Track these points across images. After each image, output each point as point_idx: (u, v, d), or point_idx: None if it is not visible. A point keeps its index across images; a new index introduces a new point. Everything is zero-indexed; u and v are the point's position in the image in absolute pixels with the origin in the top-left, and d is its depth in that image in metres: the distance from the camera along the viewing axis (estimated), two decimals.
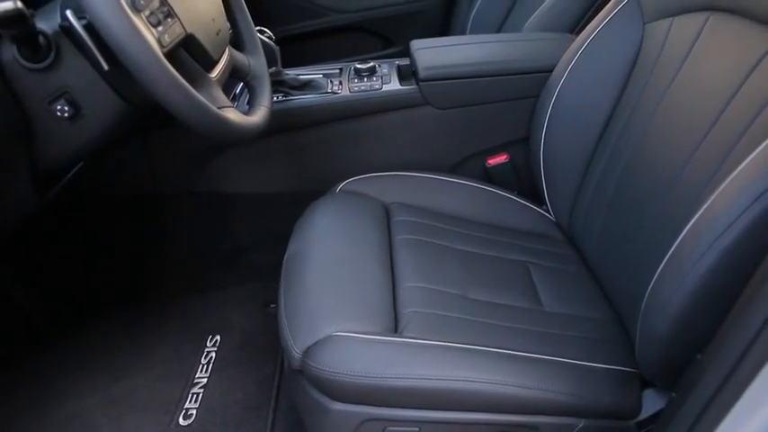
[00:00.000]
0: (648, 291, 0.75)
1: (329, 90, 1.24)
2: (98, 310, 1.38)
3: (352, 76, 1.29)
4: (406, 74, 1.31)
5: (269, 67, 1.11)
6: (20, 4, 0.64)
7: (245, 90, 1.11)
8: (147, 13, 0.69)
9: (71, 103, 0.75)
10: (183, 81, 0.68)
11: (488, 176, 1.30)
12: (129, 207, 1.36)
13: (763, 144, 0.65)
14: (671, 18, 0.93)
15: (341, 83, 1.27)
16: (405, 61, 1.35)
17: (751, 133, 0.72)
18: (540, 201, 1.18)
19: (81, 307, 1.39)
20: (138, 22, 0.65)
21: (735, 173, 0.66)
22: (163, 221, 1.39)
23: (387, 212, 1.07)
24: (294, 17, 2.06)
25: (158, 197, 1.34)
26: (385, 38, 2.19)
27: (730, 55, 0.80)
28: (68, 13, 0.69)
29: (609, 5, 1.05)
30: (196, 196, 1.35)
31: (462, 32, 1.96)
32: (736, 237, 0.63)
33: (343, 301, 0.84)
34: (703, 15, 0.87)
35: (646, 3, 0.98)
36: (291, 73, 1.26)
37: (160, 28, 0.71)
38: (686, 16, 0.90)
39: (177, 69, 0.69)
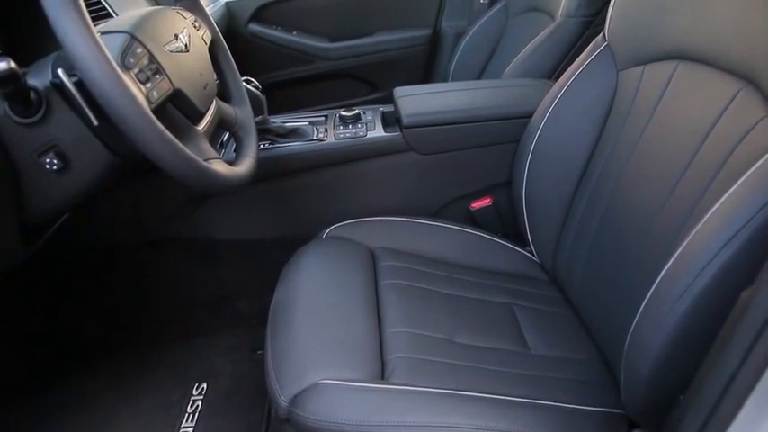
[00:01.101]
0: (630, 333, 0.76)
1: (315, 137, 1.26)
2: (84, 357, 1.37)
3: (337, 123, 1.32)
4: (390, 120, 1.34)
5: (255, 115, 1.14)
6: (13, 65, 0.65)
7: (232, 138, 1.13)
8: (136, 70, 0.72)
9: (60, 156, 0.76)
10: (171, 136, 0.70)
11: (473, 220, 1.32)
12: (115, 254, 1.35)
13: (731, 189, 0.67)
14: (643, 66, 0.96)
15: (326, 130, 1.29)
16: (389, 107, 1.38)
17: (720, 179, 0.74)
18: (524, 243, 1.19)
19: (67, 354, 1.37)
20: (128, 80, 0.67)
21: (706, 216, 0.68)
22: (149, 268, 1.39)
23: (373, 257, 1.08)
24: (281, 64, 2.11)
25: (144, 244, 1.34)
26: (370, 83, 2.24)
27: (699, 102, 0.84)
28: (60, 71, 0.70)
29: (584, 53, 1.09)
30: (182, 243, 1.35)
31: (445, 78, 2.02)
32: (710, 280, 0.64)
33: (330, 349, 0.85)
34: (672, 64, 0.90)
35: (618, 51, 1.02)
36: (278, 121, 1.29)
37: (149, 85, 0.73)
38: (657, 64, 0.94)
39: (165, 123, 0.71)
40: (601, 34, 1.07)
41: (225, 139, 1.31)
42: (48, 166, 0.76)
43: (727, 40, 0.80)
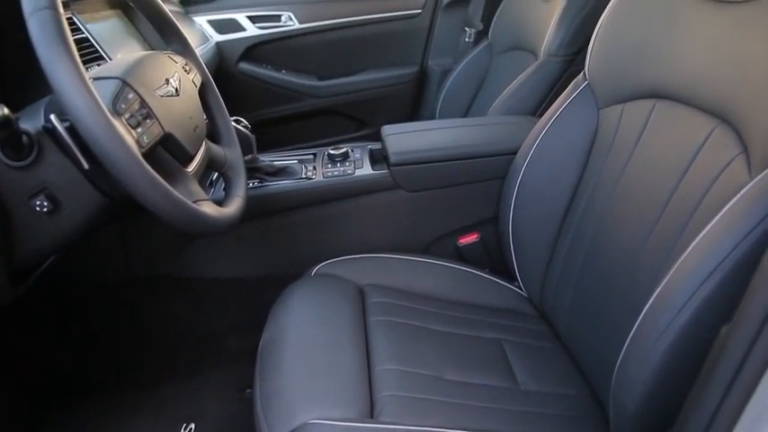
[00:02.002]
0: (616, 368, 0.77)
1: (303, 176, 1.27)
2: (70, 397, 1.35)
3: (325, 161, 1.33)
4: (378, 158, 1.36)
5: (245, 154, 1.15)
6: (6, 111, 0.66)
7: (222, 177, 1.14)
8: (127, 116, 0.73)
9: (50, 198, 0.76)
10: (161, 180, 0.71)
11: (460, 255, 1.33)
12: (103, 293, 1.35)
13: (709, 225, 0.69)
14: (622, 104, 0.99)
15: (315, 168, 1.30)
16: (377, 145, 1.40)
17: (699, 215, 0.76)
18: (511, 277, 1.20)
19: (53, 394, 1.35)
20: (119, 126, 0.68)
21: (686, 252, 0.70)
22: (137, 307, 1.38)
23: (361, 294, 1.09)
24: (271, 102, 2.14)
25: (133, 283, 1.34)
26: (358, 120, 2.28)
27: (676, 139, 0.86)
28: (53, 117, 0.71)
29: (566, 91, 1.12)
30: (171, 281, 1.35)
31: (432, 115, 2.06)
32: (691, 315, 0.66)
33: (319, 388, 0.84)
34: (650, 102, 0.93)
35: (598, 90, 1.05)
36: (267, 159, 1.30)
37: (139, 129, 0.74)
38: (635, 103, 0.96)
39: (155, 166, 0.72)
40: (581, 73, 1.10)
41: (214, 177, 1.32)
42: (38, 209, 0.76)
43: (700, 79, 0.82)
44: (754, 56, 0.74)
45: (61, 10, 0.66)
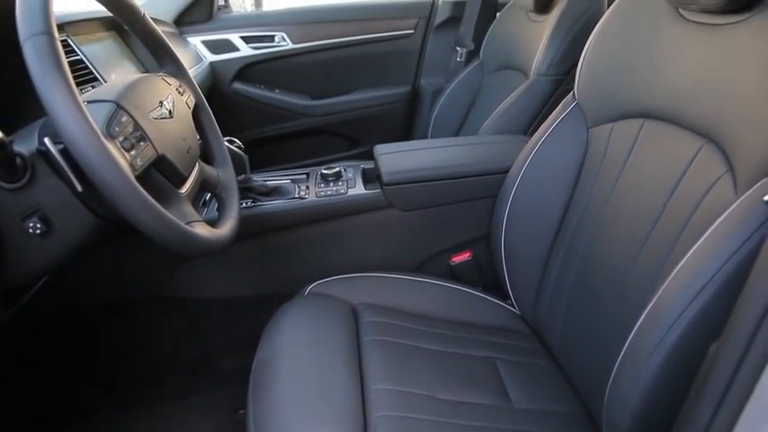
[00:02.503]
0: (609, 386, 0.77)
1: (296, 195, 1.28)
2: (63, 418, 1.33)
3: (318, 180, 1.34)
4: (370, 177, 1.37)
5: (238, 174, 1.15)
6: (0, 134, 0.67)
7: (215, 198, 1.14)
8: (121, 138, 0.73)
9: (43, 220, 0.76)
10: (153, 202, 0.71)
11: (453, 274, 1.34)
12: (95, 314, 1.34)
13: (698, 243, 0.70)
14: (611, 123, 1.01)
15: (308, 188, 1.31)
16: (369, 164, 1.41)
17: (687, 233, 0.77)
18: (504, 296, 1.21)
19: (45, 415, 1.34)
20: (112, 149, 0.68)
21: (675, 271, 0.71)
22: (129, 328, 1.38)
23: (355, 314, 1.09)
24: (265, 121, 2.16)
25: (125, 303, 1.34)
26: (351, 139, 2.29)
27: (664, 158, 0.87)
28: (47, 140, 0.72)
29: (556, 111, 1.13)
30: (164, 302, 1.34)
31: (424, 133, 2.07)
32: (681, 333, 0.66)
33: (312, 409, 0.84)
34: (639, 122, 0.95)
35: (587, 110, 1.06)
36: (260, 179, 1.31)
37: (133, 152, 0.75)
38: (624, 122, 0.98)
39: (148, 189, 0.72)
40: (571, 93, 1.11)
41: (208, 197, 1.32)
42: (31, 230, 0.76)
43: (686, 100, 0.84)
44: (736, 77, 0.75)
45: (56, 35, 0.67)
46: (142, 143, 0.77)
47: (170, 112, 0.88)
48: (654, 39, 0.92)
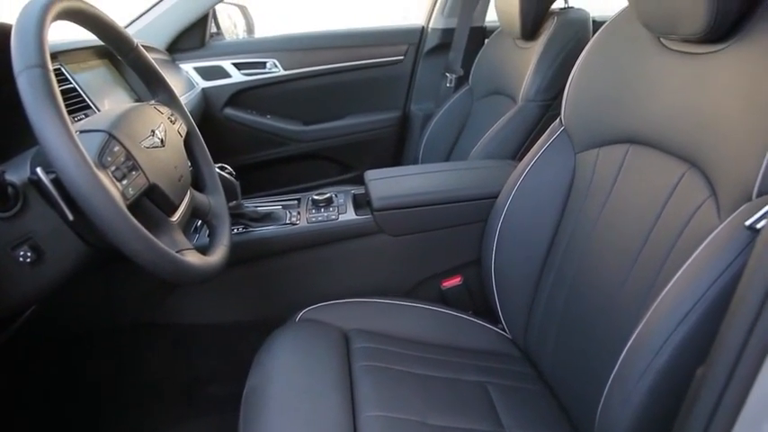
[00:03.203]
0: (599, 410, 0.77)
1: (288, 221, 1.29)
2: None
3: (309, 206, 1.35)
4: (361, 202, 1.38)
5: (229, 200, 1.16)
6: None
7: (206, 225, 1.15)
8: (113, 168, 0.74)
9: (34, 248, 0.76)
10: (145, 231, 0.72)
11: (444, 298, 1.34)
12: (86, 340, 1.33)
13: (683, 267, 0.71)
14: (597, 149, 1.03)
15: (299, 213, 1.32)
16: (360, 189, 1.42)
17: (673, 257, 0.79)
18: (495, 320, 1.21)
19: None
20: (104, 179, 0.69)
21: (662, 294, 0.72)
22: (119, 354, 1.37)
23: (346, 339, 1.09)
24: (256, 146, 2.16)
25: (116, 330, 1.33)
26: (343, 164, 2.30)
27: (650, 183, 0.89)
28: (39, 170, 0.72)
29: (544, 136, 1.15)
30: (154, 328, 1.34)
31: (415, 158, 2.09)
32: (668, 357, 0.67)
33: None
34: (624, 147, 0.97)
35: (574, 135, 1.08)
36: (251, 205, 1.31)
37: (125, 181, 0.75)
38: (610, 147, 1.00)
39: (140, 217, 0.73)
40: (558, 119, 1.13)
41: (199, 224, 1.33)
42: (21, 259, 0.76)
43: (669, 126, 0.86)
44: (716, 104, 0.77)
45: (50, 67, 0.68)
46: (134, 172, 0.78)
47: (162, 140, 0.89)
48: (637, 66, 0.95)
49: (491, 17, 2.13)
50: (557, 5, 1.69)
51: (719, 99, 0.77)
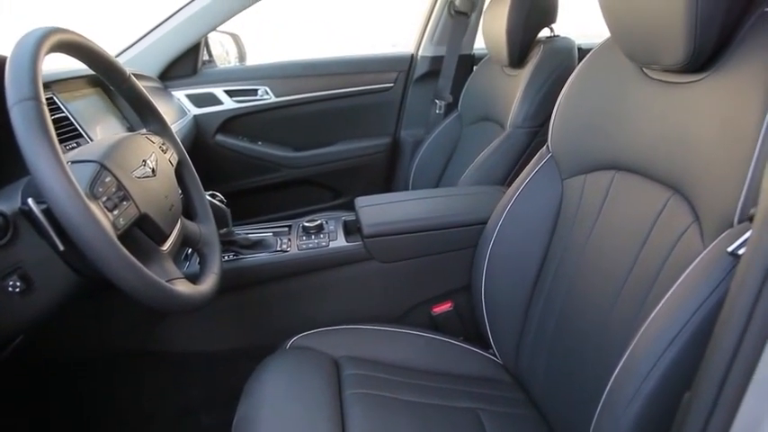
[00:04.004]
0: None
1: (278, 248, 1.29)
2: None
3: (300, 233, 1.35)
4: (352, 229, 1.38)
5: (220, 228, 1.16)
6: None
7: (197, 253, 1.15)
8: (104, 199, 0.75)
9: (24, 278, 0.76)
10: (135, 261, 0.72)
11: (434, 324, 1.35)
12: (75, 368, 1.32)
13: (669, 292, 0.72)
14: (584, 175, 1.04)
15: (290, 240, 1.32)
16: (351, 216, 1.43)
17: (660, 282, 0.80)
18: (486, 345, 1.21)
19: None
20: (95, 210, 0.70)
21: (649, 320, 0.73)
22: (108, 383, 1.35)
23: (337, 367, 1.08)
24: (248, 173, 2.17)
25: (104, 358, 1.32)
26: (334, 190, 2.32)
27: (636, 208, 0.90)
28: (30, 201, 0.73)
29: (532, 162, 1.17)
30: (144, 356, 1.33)
31: (406, 184, 2.10)
32: (656, 382, 0.68)
33: None
34: (610, 173, 0.98)
35: (561, 162, 1.10)
36: (242, 232, 1.32)
37: (116, 212, 0.76)
38: (596, 174, 1.01)
39: (130, 247, 0.73)
40: (545, 145, 1.15)
41: (190, 251, 1.33)
42: (10, 289, 0.76)
43: (653, 153, 0.88)
44: (697, 132, 0.79)
45: (43, 100, 0.68)
46: (125, 202, 0.79)
47: (153, 170, 0.90)
48: (620, 94, 0.97)
49: (479, 45, 2.17)
50: (543, 34, 1.73)
51: (700, 127, 0.79)
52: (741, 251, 0.63)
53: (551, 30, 1.73)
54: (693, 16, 0.73)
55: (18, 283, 0.76)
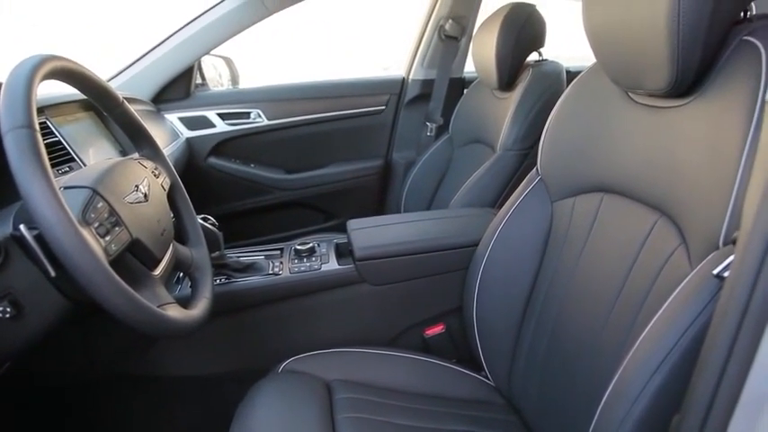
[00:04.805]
0: None
1: (270, 271, 1.29)
2: None
3: (292, 256, 1.35)
4: (343, 251, 1.39)
5: (212, 251, 1.16)
6: None
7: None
8: (96, 225, 0.75)
9: (14, 303, 0.76)
10: (126, 287, 0.72)
11: (427, 347, 1.34)
12: (64, 393, 1.31)
13: (657, 315, 0.73)
14: (573, 197, 1.05)
15: (282, 263, 1.32)
16: (343, 238, 1.43)
17: (648, 304, 0.80)
18: (478, 367, 1.21)
19: None
20: (87, 236, 0.70)
21: (638, 342, 0.73)
22: (97, 409, 1.34)
23: (329, 390, 1.08)
24: (240, 195, 2.17)
25: (95, 382, 1.31)
26: (326, 212, 2.32)
27: (624, 231, 0.91)
28: (22, 227, 0.73)
29: (522, 185, 1.18)
30: (135, 380, 1.32)
31: (397, 206, 2.11)
32: (645, 406, 0.68)
33: None
34: (598, 196, 0.99)
35: (550, 184, 1.11)
36: (234, 256, 1.32)
37: (108, 237, 0.76)
38: (585, 196, 1.03)
39: (122, 272, 0.73)
40: (535, 168, 1.16)
41: (181, 275, 1.32)
42: (0, 314, 0.76)
43: (640, 176, 0.89)
44: (681, 156, 0.80)
45: (37, 128, 0.69)
46: (117, 228, 0.79)
47: (145, 195, 0.91)
48: (607, 118, 0.98)
49: (469, 68, 2.20)
50: (532, 58, 1.76)
51: (685, 151, 0.80)
52: (726, 273, 0.64)
53: (540, 54, 1.76)
54: (675, 43, 0.75)
55: (8, 309, 0.76)
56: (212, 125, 2.08)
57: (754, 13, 0.79)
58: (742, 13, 0.79)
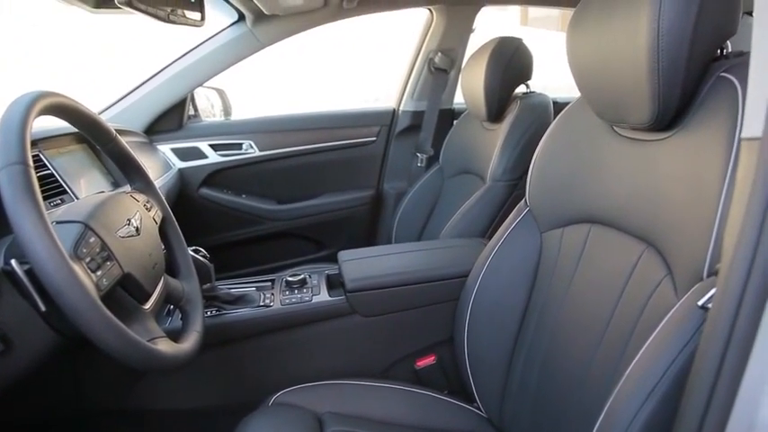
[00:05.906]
0: None
1: (261, 303, 1.29)
2: None
3: (283, 288, 1.35)
4: (335, 283, 1.39)
5: (203, 283, 1.16)
6: None
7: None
8: (87, 259, 0.75)
9: (2, 338, 0.76)
10: (117, 322, 0.72)
11: (418, 378, 1.34)
12: (52, 428, 1.29)
13: (645, 345, 0.73)
14: (561, 228, 1.07)
15: (273, 295, 1.32)
16: (334, 269, 1.44)
17: (637, 334, 0.81)
18: (470, 398, 1.21)
19: None
20: (79, 271, 0.70)
21: (626, 373, 0.74)
22: None
23: (320, 423, 1.07)
24: (232, 225, 2.17)
25: (84, 416, 1.29)
26: (318, 242, 2.32)
27: (611, 261, 0.93)
28: (13, 262, 0.73)
29: (511, 216, 1.19)
30: (123, 415, 1.30)
31: (388, 236, 2.12)
32: None
33: None
34: (586, 227, 1.01)
35: (539, 215, 1.13)
36: (225, 287, 1.32)
37: (99, 272, 0.76)
38: (573, 227, 1.04)
39: (113, 307, 0.73)
40: (523, 200, 1.18)
41: (172, 307, 1.32)
42: None
43: (625, 207, 0.91)
44: (665, 188, 0.82)
45: (31, 164, 0.70)
46: (108, 263, 0.79)
47: (137, 229, 0.91)
48: (593, 150, 1.01)
49: (459, 99, 2.23)
50: (519, 90, 1.79)
51: (668, 183, 0.82)
52: (710, 305, 0.65)
53: (527, 86, 1.80)
54: (656, 79, 0.77)
55: None
56: (204, 156, 2.09)
57: (729, 50, 0.82)
58: (719, 51, 0.82)
